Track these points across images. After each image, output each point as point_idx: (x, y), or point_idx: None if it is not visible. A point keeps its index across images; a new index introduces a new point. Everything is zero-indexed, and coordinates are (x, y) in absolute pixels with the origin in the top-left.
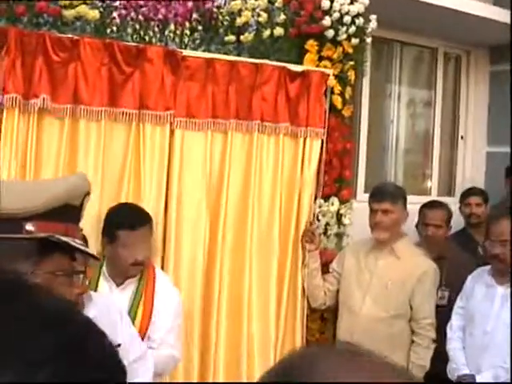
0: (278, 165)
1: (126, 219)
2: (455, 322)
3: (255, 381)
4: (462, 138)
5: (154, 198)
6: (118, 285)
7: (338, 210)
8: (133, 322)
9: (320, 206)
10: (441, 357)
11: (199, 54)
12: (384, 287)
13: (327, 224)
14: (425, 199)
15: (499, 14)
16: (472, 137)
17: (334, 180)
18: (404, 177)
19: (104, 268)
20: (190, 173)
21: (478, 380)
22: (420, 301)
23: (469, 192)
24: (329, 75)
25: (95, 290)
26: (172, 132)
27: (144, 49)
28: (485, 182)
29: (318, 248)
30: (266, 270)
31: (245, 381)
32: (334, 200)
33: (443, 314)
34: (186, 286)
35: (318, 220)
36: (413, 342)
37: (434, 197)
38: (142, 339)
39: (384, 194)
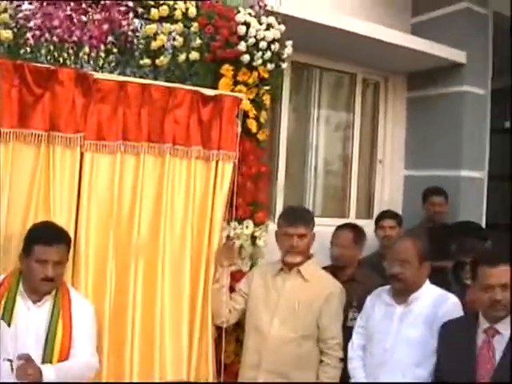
0: (190, 187)
1: (44, 235)
2: (356, 340)
3: None
4: (380, 161)
5: (64, 220)
6: (34, 302)
7: (253, 232)
8: (53, 339)
9: (234, 229)
10: None
11: (111, 76)
12: (292, 308)
13: (241, 246)
14: (343, 221)
15: (416, 43)
16: (390, 160)
17: (248, 203)
18: (323, 199)
19: (21, 285)
20: (100, 195)
21: None
22: (327, 321)
23: (383, 215)
24: (241, 99)
25: (12, 307)
26: (82, 155)
27: (55, 71)
28: (402, 204)
29: (234, 264)
30: (178, 290)
31: None
32: (249, 223)
33: None
34: (97, 309)
35: (233, 242)
36: (321, 361)
37: (352, 219)
38: (66, 355)
39: (298, 219)
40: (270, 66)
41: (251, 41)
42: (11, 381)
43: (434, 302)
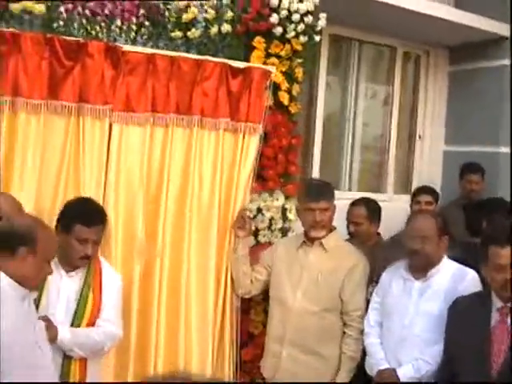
0: (218, 159)
1: (85, 215)
2: (372, 317)
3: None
4: (419, 137)
5: (92, 191)
6: (67, 272)
7: (283, 204)
8: (84, 308)
9: (265, 201)
10: None
11: (140, 49)
12: (315, 281)
13: (272, 218)
14: (381, 196)
15: (458, 16)
16: (430, 135)
17: (279, 175)
18: (360, 174)
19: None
20: (129, 166)
21: (398, 373)
22: (350, 293)
23: (420, 190)
24: (271, 72)
25: None
26: (110, 126)
27: (85, 44)
28: (441, 180)
29: (249, 235)
30: (204, 259)
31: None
32: (279, 195)
33: None
34: (126, 278)
35: (263, 214)
36: (344, 333)
37: (389, 194)
38: (93, 324)
39: (320, 194)
40: (303, 39)
41: (284, 13)
42: None
43: (454, 277)
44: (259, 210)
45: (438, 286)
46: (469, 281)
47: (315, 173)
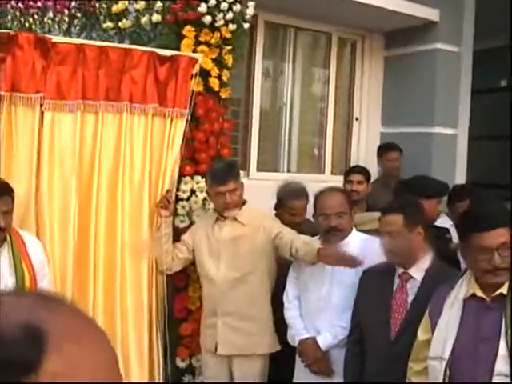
0: (147, 142)
1: None
2: (290, 291)
3: None
4: (356, 119)
5: (25, 177)
6: None
7: None
8: (22, 279)
9: (198, 182)
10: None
11: (69, 39)
12: (233, 251)
13: (205, 199)
14: (319, 177)
15: (393, 3)
16: (366, 118)
17: (212, 158)
18: (298, 156)
19: None
20: (61, 152)
21: (318, 341)
22: (277, 230)
23: (351, 170)
24: (197, 60)
25: None
26: (42, 114)
27: (15, 35)
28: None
29: (171, 215)
30: (136, 238)
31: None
32: None
33: None
34: (61, 256)
35: (196, 196)
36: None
37: (327, 175)
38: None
39: (227, 176)
40: (232, 27)
41: (212, 2)
42: None
43: (361, 247)
44: (193, 192)
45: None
46: (375, 250)
47: (253, 155)
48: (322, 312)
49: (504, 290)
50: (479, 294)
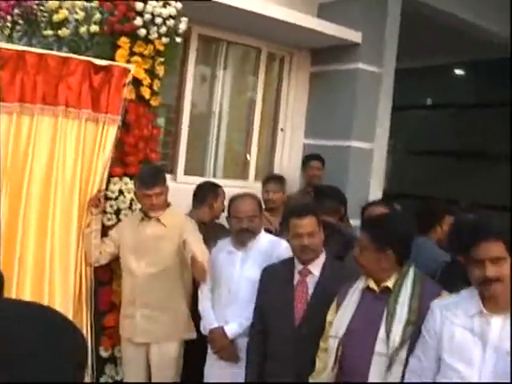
0: (80, 145)
1: None
2: (203, 286)
3: None
4: (281, 130)
5: None
6: None
7: None
8: None
9: (126, 184)
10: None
11: (10, 46)
12: (154, 249)
13: (132, 200)
14: (243, 183)
15: (315, 24)
16: (291, 129)
17: (140, 161)
18: (224, 162)
19: None
20: None
21: (225, 330)
22: (190, 243)
23: (267, 179)
24: (129, 70)
25: None
26: None
27: None
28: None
29: (101, 213)
30: (66, 234)
31: None
32: None
33: None
34: None
35: (124, 196)
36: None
37: (251, 181)
38: None
39: (154, 180)
40: (165, 40)
41: (147, 16)
42: None
43: (269, 247)
44: (121, 192)
45: (256, 256)
46: (282, 250)
47: (181, 161)
48: (231, 304)
49: (390, 283)
50: (372, 285)
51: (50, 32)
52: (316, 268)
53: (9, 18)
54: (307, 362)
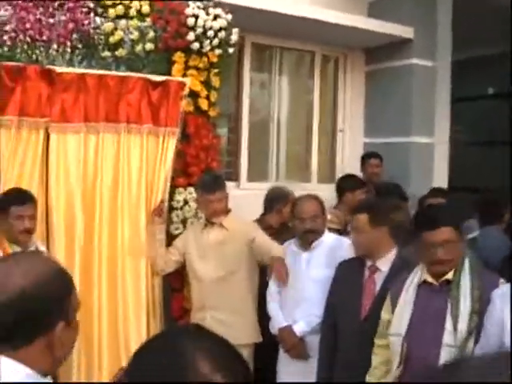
0: (143, 158)
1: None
2: (272, 286)
3: None
4: (340, 131)
5: (34, 193)
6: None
7: None
8: None
9: (190, 193)
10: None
11: (72, 69)
12: (219, 254)
13: (197, 208)
14: (306, 186)
15: (367, 23)
16: (350, 129)
17: (202, 171)
18: (286, 165)
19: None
20: (66, 170)
21: (294, 328)
22: (261, 241)
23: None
24: (185, 84)
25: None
26: (48, 136)
27: (24, 68)
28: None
29: (164, 222)
30: (135, 244)
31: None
32: None
33: None
34: (68, 263)
35: (189, 205)
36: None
37: (314, 184)
38: None
39: (215, 186)
40: (218, 52)
41: (199, 30)
42: None
43: (332, 247)
44: (186, 202)
45: (320, 255)
46: (344, 248)
47: (243, 168)
48: (298, 304)
49: (450, 276)
50: (430, 279)
51: (107, 53)
52: (385, 265)
53: (68, 43)
54: (370, 356)
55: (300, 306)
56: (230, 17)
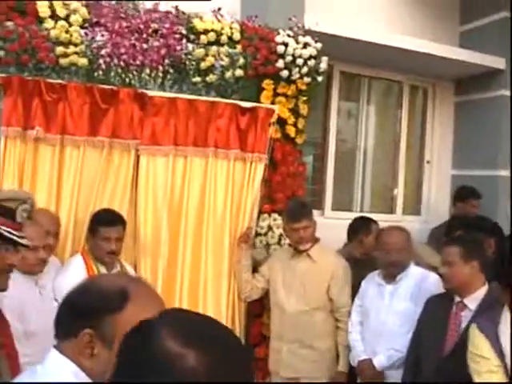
0: (229, 184)
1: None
2: (354, 318)
3: None
4: (428, 162)
5: (123, 210)
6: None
7: None
8: None
9: (275, 219)
10: None
11: (163, 94)
12: (304, 286)
13: (281, 235)
14: (391, 217)
15: (459, 53)
16: (437, 161)
17: (288, 197)
18: (371, 196)
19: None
20: (155, 190)
21: (374, 362)
22: (337, 293)
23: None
24: (274, 110)
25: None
26: (138, 158)
27: (117, 91)
28: (450, 201)
29: (251, 248)
30: (218, 268)
31: None
32: None
33: None
34: (152, 280)
35: (273, 231)
36: (337, 327)
37: (399, 215)
38: None
39: (302, 214)
40: (306, 79)
41: (289, 58)
42: None
43: (417, 280)
44: (270, 228)
45: (405, 289)
46: (430, 283)
47: (328, 196)
48: (380, 337)
49: None
50: None
51: (198, 78)
52: (472, 302)
53: (160, 68)
54: None
55: (381, 339)
56: (319, 45)
